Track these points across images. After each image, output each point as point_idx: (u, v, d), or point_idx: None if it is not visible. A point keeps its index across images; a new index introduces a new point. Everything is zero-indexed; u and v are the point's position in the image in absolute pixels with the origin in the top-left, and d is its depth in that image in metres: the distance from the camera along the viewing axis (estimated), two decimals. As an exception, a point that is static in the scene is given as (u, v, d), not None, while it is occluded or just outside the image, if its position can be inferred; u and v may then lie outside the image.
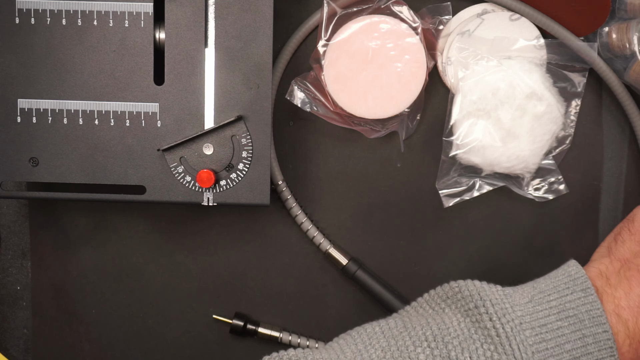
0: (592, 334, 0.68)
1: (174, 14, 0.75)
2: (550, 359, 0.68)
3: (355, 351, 0.70)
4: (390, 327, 0.72)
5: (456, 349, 0.68)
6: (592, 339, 0.68)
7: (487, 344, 0.68)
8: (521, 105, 0.78)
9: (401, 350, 0.69)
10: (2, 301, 0.86)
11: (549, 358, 0.68)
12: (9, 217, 0.85)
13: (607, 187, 0.84)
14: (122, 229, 0.84)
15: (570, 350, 0.68)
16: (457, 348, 0.68)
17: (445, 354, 0.68)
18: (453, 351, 0.68)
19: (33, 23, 0.75)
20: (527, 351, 0.67)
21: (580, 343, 0.68)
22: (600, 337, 0.68)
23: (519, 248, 0.85)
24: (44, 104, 0.76)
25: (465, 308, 0.70)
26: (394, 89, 0.80)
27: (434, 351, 0.68)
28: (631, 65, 0.78)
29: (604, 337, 0.68)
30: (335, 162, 0.84)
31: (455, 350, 0.68)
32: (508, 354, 0.67)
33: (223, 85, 0.76)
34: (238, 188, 0.76)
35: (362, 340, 0.71)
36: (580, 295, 0.70)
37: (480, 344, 0.68)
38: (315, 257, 0.85)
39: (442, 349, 0.68)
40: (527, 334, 0.68)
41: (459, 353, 0.68)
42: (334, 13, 0.79)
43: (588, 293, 0.70)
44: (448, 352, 0.68)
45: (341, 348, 0.71)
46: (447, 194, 0.82)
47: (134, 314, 0.85)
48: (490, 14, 0.80)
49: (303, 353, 0.71)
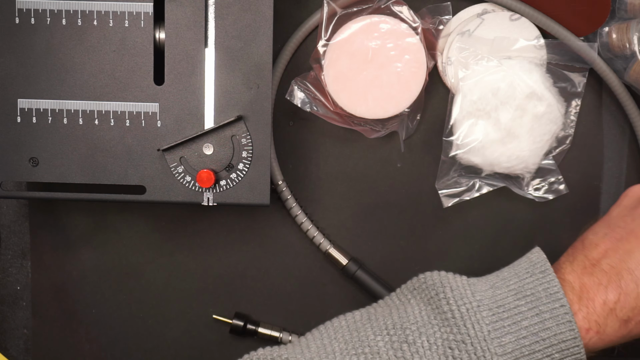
0: (549, 310, 0.70)
1: (174, 14, 0.75)
2: (507, 336, 0.69)
3: (320, 345, 0.72)
4: (355, 319, 0.73)
5: (414, 334, 0.70)
6: (549, 314, 0.70)
7: (445, 327, 0.70)
8: (521, 105, 0.78)
9: (362, 340, 0.71)
10: (2, 301, 0.86)
11: (505, 335, 0.69)
12: (9, 217, 0.85)
13: (607, 187, 0.84)
14: (122, 229, 0.84)
15: (527, 326, 0.69)
16: (414, 333, 0.70)
17: (403, 338, 0.70)
18: (410, 336, 0.70)
19: (33, 23, 0.75)
20: (483, 330, 0.69)
21: (538, 319, 0.69)
22: (558, 312, 0.69)
23: (519, 248, 0.84)
24: (44, 104, 0.75)
25: (427, 297, 0.72)
26: (394, 89, 0.80)
27: (392, 337, 0.70)
28: (631, 65, 0.78)
29: (562, 311, 0.69)
30: (335, 162, 0.84)
31: (413, 335, 0.70)
32: (462, 333, 0.69)
33: (223, 85, 0.76)
34: (238, 188, 0.76)
35: (327, 334, 0.73)
36: (539, 277, 0.71)
37: (438, 328, 0.70)
38: (315, 257, 0.85)
39: (400, 335, 0.70)
40: (483, 314, 0.69)
41: (416, 337, 0.69)
42: (334, 13, 0.79)
43: (546, 274, 0.71)
44: (406, 336, 0.70)
45: (307, 343, 0.73)
46: (446, 194, 0.82)
47: (134, 314, 0.85)
48: (490, 14, 0.80)
49: (270, 351, 0.73)
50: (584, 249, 0.73)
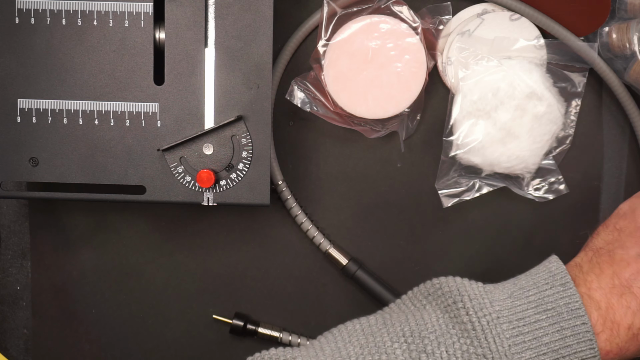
0: (571, 327, 0.68)
1: (174, 14, 0.75)
2: (527, 352, 0.68)
3: (335, 349, 0.70)
4: (370, 324, 0.72)
5: (432, 344, 0.68)
6: (570, 332, 0.68)
7: (464, 338, 0.68)
8: (521, 105, 0.78)
9: (378, 347, 0.69)
10: (2, 301, 0.86)
11: (526, 351, 0.68)
12: (9, 217, 0.85)
13: (607, 187, 0.84)
14: (122, 229, 0.84)
15: (548, 343, 0.68)
16: (433, 342, 0.68)
17: (422, 348, 0.68)
18: (429, 345, 0.68)
19: (33, 23, 0.75)
20: (504, 344, 0.68)
21: (559, 336, 0.68)
22: (579, 330, 0.68)
23: (519, 248, 0.84)
24: (44, 104, 0.75)
25: (445, 304, 0.71)
26: (394, 89, 0.80)
27: (410, 346, 0.69)
28: (631, 65, 0.78)
29: (583, 329, 0.68)
30: (335, 162, 0.84)
31: (432, 345, 0.68)
32: (484, 347, 0.68)
33: (223, 85, 0.76)
34: (238, 188, 0.76)
35: (342, 337, 0.72)
36: (560, 290, 0.70)
37: (457, 339, 0.68)
38: (315, 257, 0.85)
39: (418, 344, 0.69)
40: (504, 327, 0.68)
41: (435, 347, 0.68)
42: (334, 13, 0.79)
43: (567, 287, 0.70)
44: (424, 346, 0.68)
45: (321, 346, 0.71)
46: (446, 194, 0.82)
47: (134, 314, 0.85)
48: (490, 14, 0.80)
49: (283, 352, 0.72)
50: (612, 263, 0.71)
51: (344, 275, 0.84)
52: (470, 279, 0.73)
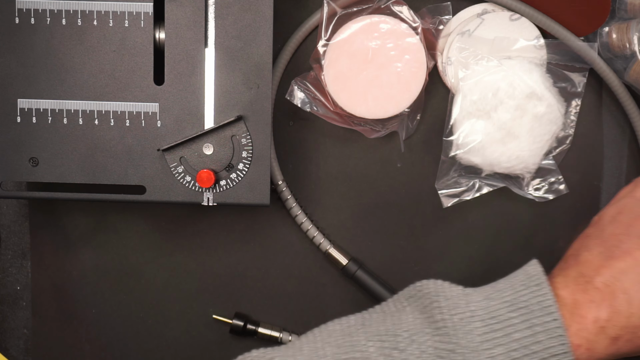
0: (541, 323, 0.69)
1: (174, 14, 0.75)
2: (498, 347, 0.69)
3: (313, 349, 0.71)
4: (349, 324, 0.73)
5: (405, 341, 0.69)
6: (541, 327, 0.69)
7: (437, 335, 0.69)
8: (521, 105, 0.78)
9: (354, 345, 0.70)
10: (2, 301, 0.86)
11: (496, 347, 0.69)
12: (9, 217, 0.85)
13: (607, 187, 0.84)
14: (122, 229, 0.84)
15: (519, 338, 0.69)
16: (406, 340, 0.69)
17: (394, 345, 0.69)
18: (402, 343, 0.69)
19: (33, 23, 0.75)
20: (475, 340, 0.68)
21: (529, 332, 0.69)
22: (550, 325, 0.69)
23: (519, 248, 0.84)
24: (44, 104, 0.76)
25: (422, 305, 0.71)
26: (394, 89, 0.80)
27: (384, 343, 0.70)
28: (631, 65, 0.78)
29: (553, 325, 0.69)
30: (335, 162, 0.84)
31: (405, 342, 0.69)
32: (454, 343, 0.68)
33: (223, 85, 0.76)
34: (238, 188, 0.76)
35: (321, 337, 0.72)
36: (534, 290, 0.71)
37: (430, 337, 0.69)
38: (315, 257, 0.85)
39: (391, 341, 0.69)
40: (476, 324, 0.69)
41: (407, 345, 0.69)
42: (334, 13, 0.79)
43: (542, 287, 0.71)
44: (397, 343, 0.69)
45: (300, 345, 0.72)
46: (446, 194, 0.82)
47: (134, 314, 0.85)
48: (490, 14, 0.80)
49: (264, 352, 0.72)
50: (577, 264, 0.73)
51: (344, 275, 0.84)
52: (470, 279, 0.73)
